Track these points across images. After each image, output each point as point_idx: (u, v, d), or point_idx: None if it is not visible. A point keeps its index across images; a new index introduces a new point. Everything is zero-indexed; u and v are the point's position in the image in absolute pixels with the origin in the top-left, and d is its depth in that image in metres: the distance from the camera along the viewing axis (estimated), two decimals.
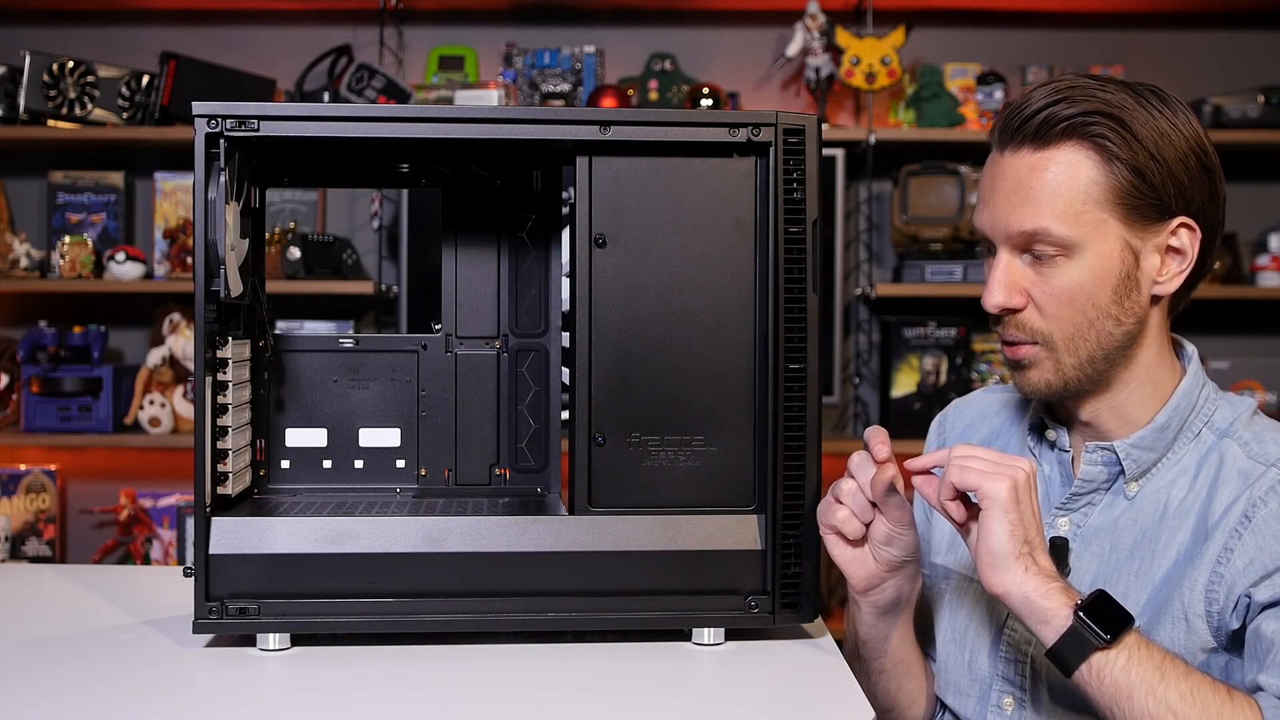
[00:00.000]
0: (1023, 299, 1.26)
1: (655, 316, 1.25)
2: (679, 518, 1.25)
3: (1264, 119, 3.16)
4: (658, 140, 1.24)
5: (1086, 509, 1.30)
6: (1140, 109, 1.23)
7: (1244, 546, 1.19)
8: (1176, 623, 1.21)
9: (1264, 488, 1.20)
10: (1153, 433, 1.27)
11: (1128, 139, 1.21)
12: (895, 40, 3.22)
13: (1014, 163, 1.25)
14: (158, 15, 3.43)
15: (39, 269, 3.25)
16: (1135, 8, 3.42)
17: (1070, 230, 1.22)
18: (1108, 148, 1.21)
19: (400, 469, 1.40)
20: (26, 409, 3.18)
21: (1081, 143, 1.22)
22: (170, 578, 1.57)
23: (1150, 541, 1.25)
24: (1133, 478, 1.28)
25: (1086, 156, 1.22)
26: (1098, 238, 1.23)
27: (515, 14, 3.44)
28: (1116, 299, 1.24)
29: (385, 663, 1.19)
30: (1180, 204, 1.24)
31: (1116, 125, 1.22)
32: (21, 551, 3.28)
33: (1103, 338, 1.25)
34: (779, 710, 1.11)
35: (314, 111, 1.22)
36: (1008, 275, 1.26)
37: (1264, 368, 3.31)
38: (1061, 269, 1.23)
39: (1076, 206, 1.22)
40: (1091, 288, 1.23)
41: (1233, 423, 1.28)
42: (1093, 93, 1.23)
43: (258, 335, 1.36)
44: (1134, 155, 1.22)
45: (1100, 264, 1.23)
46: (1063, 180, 1.22)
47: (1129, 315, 1.25)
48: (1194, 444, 1.28)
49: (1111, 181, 1.22)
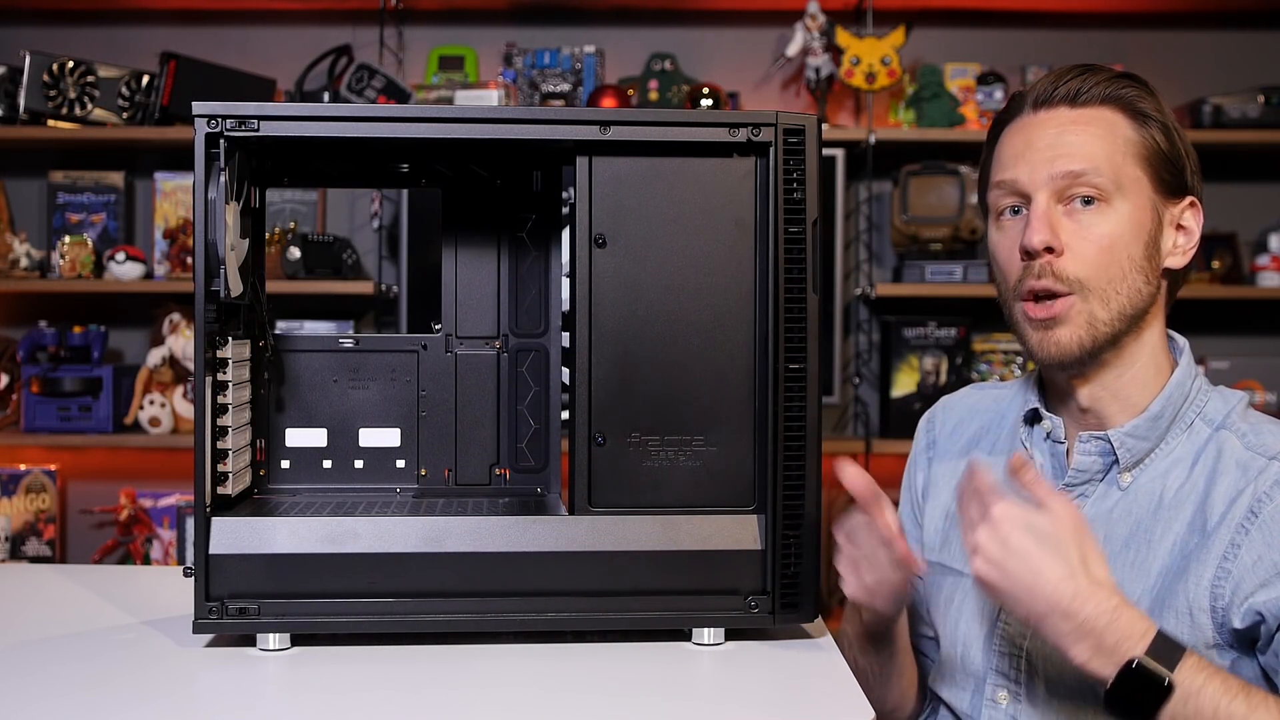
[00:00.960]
0: (1060, 243, 1.26)
1: (655, 316, 1.25)
2: (679, 518, 1.25)
3: (1264, 119, 3.16)
4: (658, 140, 1.24)
5: (1080, 500, 1.30)
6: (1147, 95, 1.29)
7: (1251, 543, 1.18)
8: (1180, 617, 1.20)
9: (1269, 482, 1.20)
10: (1146, 421, 1.28)
11: (1151, 114, 1.27)
12: (895, 40, 3.22)
13: (1052, 117, 1.28)
14: (158, 15, 3.43)
15: (39, 269, 3.25)
16: (1135, 8, 3.42)
17: (1111, 177, 1.25)
18: (1141, 109, 1.27)
19: (400, 469, 1.40)
20: (26, 409, 3.18)
21: (1115, 106, 1.27)
22: (170, 578, 1.57)
23: (1145, 532, 1.25)
24: (1126, 467, 1.28)
25: (1121, 117, 1.27)
26: (1134, 192, 1.26)
27: (515, 14, 3.44)
28: (1147, 255, 1.27)
29: (385, 663, 1.19)
30: (1189, 183, 1.29)
31: (1145, 91, 1.28)
32: (21, 551, 3.28)
33: (1133, 294, 1.26)
34: (779, 710, 1.11)
35: (314, 111, 1.22)
36: (1048, 217, 1.26)
37: (1264, 368, 3.31)
38: (1103, 215, 1.25)
39: (1117, 159, 1.25)
40: (1130, 238, 1.26)
41: (1228, 414, 1.28)
42: (1107, 75, 1.29)
43: (258, 335, 1.36)
44: (1164, 119, 1.28)
45: (1136, 216, 1.26)
46: (1103, 133, 1.26)
47: (1153, 278, 1.28)
48: (1187, 435, 1.28)
49: (1146, 142, 1.26)
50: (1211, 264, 3.34)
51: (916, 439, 1.54)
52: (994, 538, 1.13)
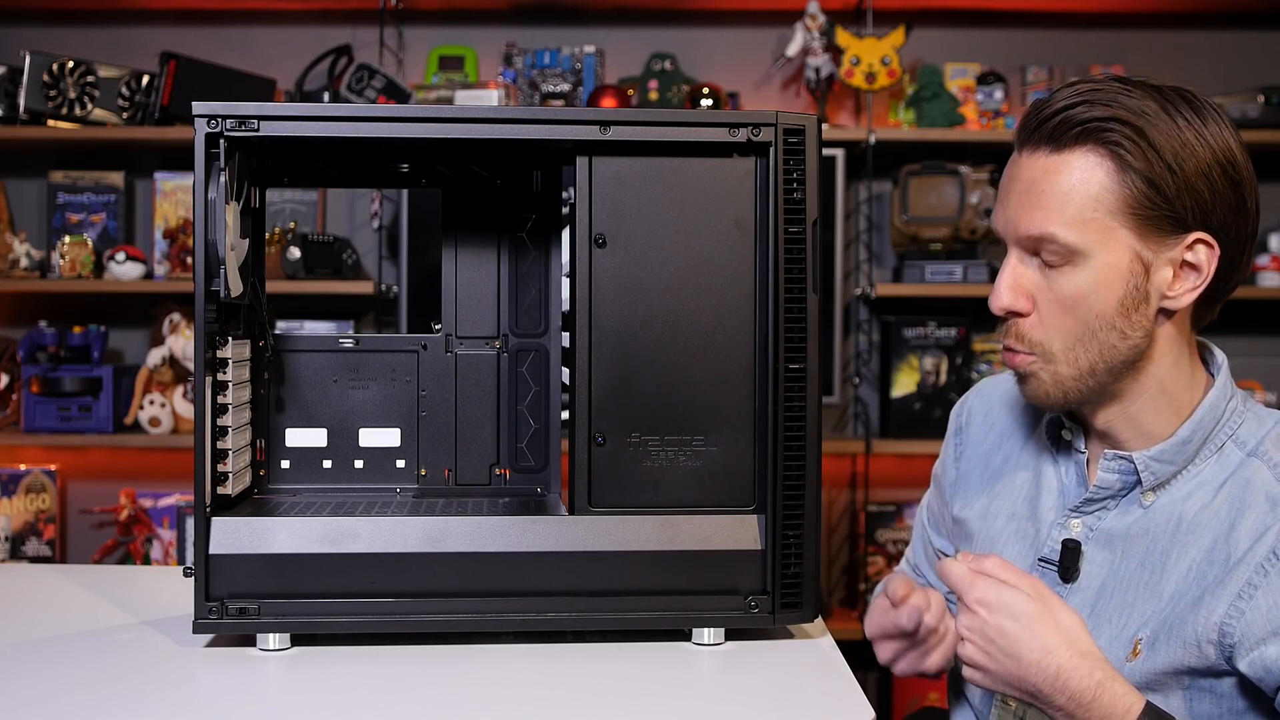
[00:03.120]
0: (1028, 303, 1.24)
1: (655, 316, 1.25)
2: (679, 518, 1.25)
3: (1264, 119, 3.16)
4: (658, 140, 1.24)
5: (1100, 513, 1.29)
6: (1164, 116, 1.20)
7: (1269, 586, 1.15)
8: (1188, 647, 1.18)
9: None
10: (1174, 446, 1.24)
11: (1144, 148, 1.18)
12: (895, 40, 3.22)
13: (1029, 164, 1.23)
14: (158, 15, 3.43)
15: (39, 269, 3.25)
16: (1135, 8, 3.42)
17: (1077, 237, 1.20)
18: (1123, 156, 1.18)
19: (400, 469, 1.40)
20: (26, 409, 3.18)
21: (1097, 148, 1.19)
22: (170, 578, 1.57)
23: (1162, 554, 1.23)
24: (1149, 488, 1.26)
25: (1100, 163, 1.19)
26: (1106, 247, 1.20)
27: (515, 14, 3.44)
28: (1122, 311, 1.21)
29: (385, 663, 1.19)
30: (1198, 218, 1.20)
31: (1134, 133, 1.18)
32: (21, 551, 3.28)
33: (1105, 350, 1.22)
34: (779, 710, 1.11)
35: (314, 111, 1.22)
36: (1015, 277, 1.24)
37: (1264, 368, 3.31)
38: (1066, 275, 1.21)
39: (1086, 213, 1.19)
40: (1095, 297, 1.21)
41: (1261, 440, 1.24)
42: (1115, 97, 1.20)
43: (258, 335, 1.36)
44: (1149, 165, 1.18)
45: (1106, 274, 1.20)
46: (1074, 185, 1.20)
47: (1135, 329, 1.22)
48: (1217, 457, 1.25)
49: (1124, 191, 1.19)
50: None
51: (949, 427, 1.53)
52: (974, 628, 1.15)
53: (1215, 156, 1.20)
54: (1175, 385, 1.26)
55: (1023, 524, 1.35)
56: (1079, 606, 1.26)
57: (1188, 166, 1.19)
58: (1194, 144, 1.20)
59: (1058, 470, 1.34)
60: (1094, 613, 1.25)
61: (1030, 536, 1.33)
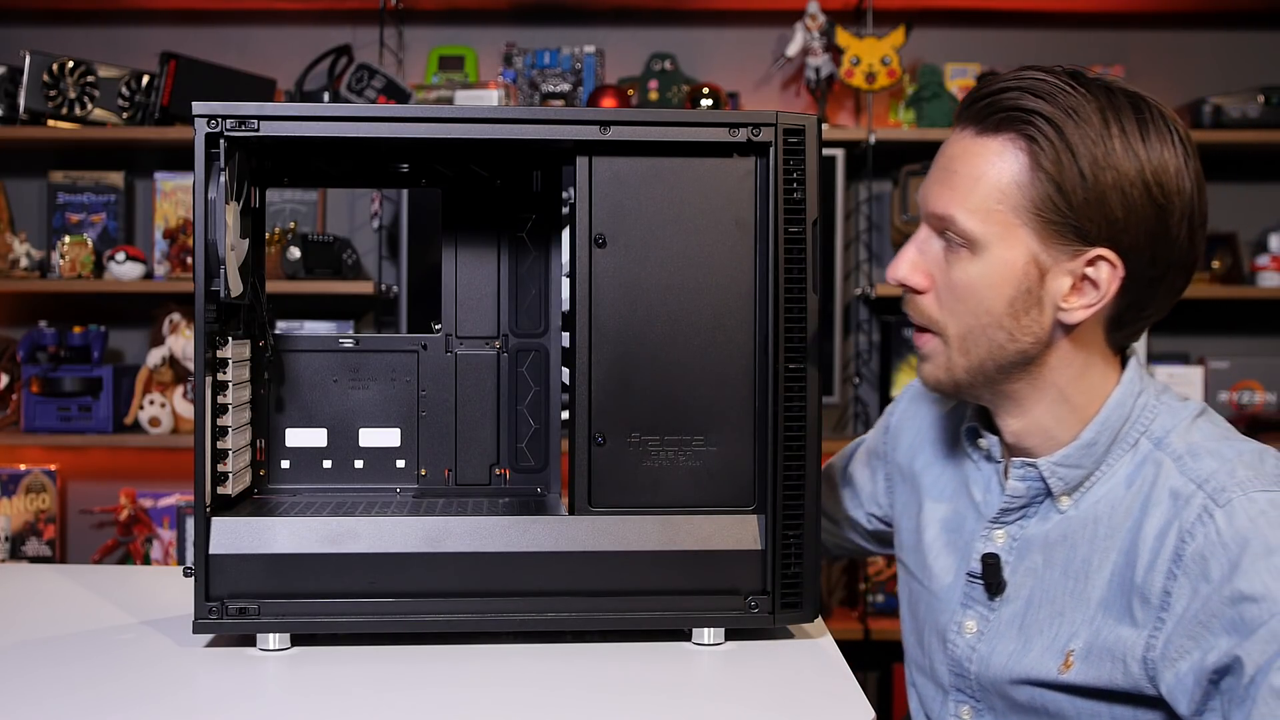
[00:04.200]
0: (926, 281, 1.20)
1: (655, 316, 1.25)
2: (679, 518, 1.25)
3: (1264, 119, 3.16)
4: (658, 140, 1.24)
5: (1022, 521, 1.25)
6: (1096, 121, 1.13)
7: (1180, 591, 1.11)
8: (1116, 663, 1.15)
9: (1191, 517, 1.12)
10: (1078, 450, 1.20)
11: (1059, 149, 1.12)
12: (895, 40, 3.22)
13: (955, 141, 1.20)
14: (158, 15, 3.43)
15: (39, 269, 3.25)
16: (1135, 8, 3.42)
17: (977, 226, 1.15)
18: (1037, 154, 1.13)
19: (400, 469, 1.40)
20: (26, 409, 3.18)
21: (1017, 139, 1.14)
22: (170, 578, 1.57)
23: (1083, 560, 1.19)
24: (1062, 494, 1.22)
25: (1016, 156, 1.14)
26: (1003, 242, 1.15)
27: (515, 14, 3.44)
28: (1011, 312, 1.16)
29: (385, 663, 1.19)
30: (1104, 234, 1.14)
31: (1054, 132, 1.12)
32: (21, 551, 3.28)
33: (994, 348, 1.18)
34: (779, 710, 1.11)
35: (314, 111, 1.22)
36: (919, 252, 1.21)
37: (1264, 368, 3.31)
38: (963, 262, 1.17)
39: (990, 204, 1.15)
40: (986, 290, 1.16)
41: (1170, 432, 1.19)
42: (1053, 91, 1.14)
43: (258, 335, 1.36)
44: (1060, 170, 1.12)
45: (999, 270, 1.16)
46: (985, 173, 1.15)
47: (1024, 333, 1.17)
48: (1131, 454, 1.20)
49: (1031, 189, 1.14)
50: (1211, 264, 3.34)
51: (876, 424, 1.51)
52: None
53: (1141, 174, 1.13)
54: (1078, 397, 1.21)
55: (953, 535, 1.31)
56: (1010, 619, 1.23)
57: (1104, 178, 1.12)
58: (1119, 156, 1.13)
59: (980, 479, 1.31)
60: (1024, 625, 1.22)
61: (960, 548, 1.31)
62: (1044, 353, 1.19)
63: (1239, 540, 1.08)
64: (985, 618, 1.26)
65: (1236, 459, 1.14)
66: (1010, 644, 1.23)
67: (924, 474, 1.38)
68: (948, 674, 1.29)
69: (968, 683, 1.27)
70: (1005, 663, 1.23)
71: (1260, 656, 1.05)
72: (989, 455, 1.29)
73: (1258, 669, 1.04)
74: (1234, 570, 1.07)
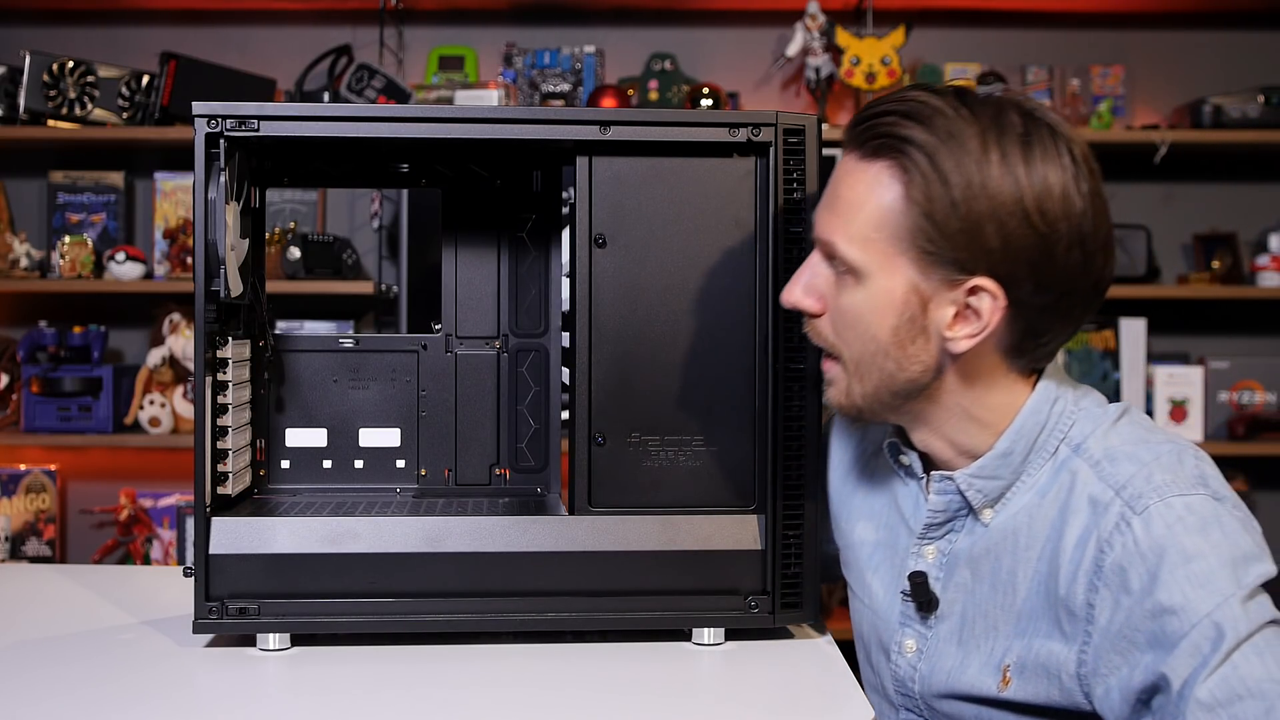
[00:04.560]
0: (819, 304, 1.16)
1: (655, 316, 1.25)
2: (679, 518, 1.25)
3: (1264, 119, 3.16)
4: (658, 140, 1.24)
5: (950, 535, 1.22)
6: (974, 146, 1.08)
7: (1102, 604, 1.08)
8: (1051, 679, 1.12)
9: (1109, 526, 1.09)
10: (994, 461, 1.17)
11: (931, 179, 1.08)
12: (895, 40, 3.22)
13: (840, 164, 1.15)
14: (158, 15, 3.43)
15: (39, 269, 3.25)
16: (1135, 8, 3.42)
17: (857, 254, 1.11)
18: (909, 183, 1.08)
19: (400, 469, 1.40)
20: (26, 409, 3.18)
21: (892, 167, 1.10)
22: (170, 578, 1.57)
23: (1009, 572, 1.16)
24: (983, 507, 1.18)
25: (891, 185, 1.10)
26: (884, 271, 1.11)
27: (515, 14, 3.44)
28: (897, 341, 1.13)
29: (385, 663, 1.19)
30: (982, 264, 1.09)
31: (927, 161, 1.08)
32: (21, 551, 3.28)
33: (884, 377, 1.15)
34: (779, 710, 1.11)
35: (314, 111, 1.22)
36: (812, 275, 1.17)
37: (1264, 368, 3.30)
38: (849, 290, 1.13)
39: (869, 231, 1.11)
40: (871, 318, 1.13)
41: (1088, 437, 1.15)
42: (930, 115, 1.09)
43: (258, 335, 1.36)
44: (931, 200, 1.08)
45: (881, 299, 1.12)
46: (865, 200, 1.11)
47: (912, 362, 1.14)
48: (1051, 462, 1.16)
49: (905, 220, 1.09)
50: (1211, 264, 3.34)
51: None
52: None
53: (1020, 201, 1.07)
54: (986, 415, 1.17)
55: (888, 552, 1.28)
56: (947, 636, 1.21)
57: (977, 207, 1.07)
58: (996, 183, 1.07)
59: (907, 495, 1.27)
60: (962, 640, 1.19)
61: (895, 566, 1.27)
62: (938, 379, 1.16)
63: (1156, 550, 1.06)
64: (923, 635, 1.23)
65: (1154, 462, 1.11)
66: (949, 660, 1.20)
67: (855, 492, 1.34)
68: (894, 692, 1.27)
69: (914, 701, 1.25)
70: (945, 680, 1.20)
71: (1185, 670, 1.02)
72: (910, 471, 1.26)
73: (1183, 683, 1.02)
74: (1153, 581, 1.05)
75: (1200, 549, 1.05)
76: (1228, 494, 1.11)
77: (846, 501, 1.34)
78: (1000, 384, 1.17)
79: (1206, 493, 1.09)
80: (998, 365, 1.16)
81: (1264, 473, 3.39)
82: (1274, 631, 1.04)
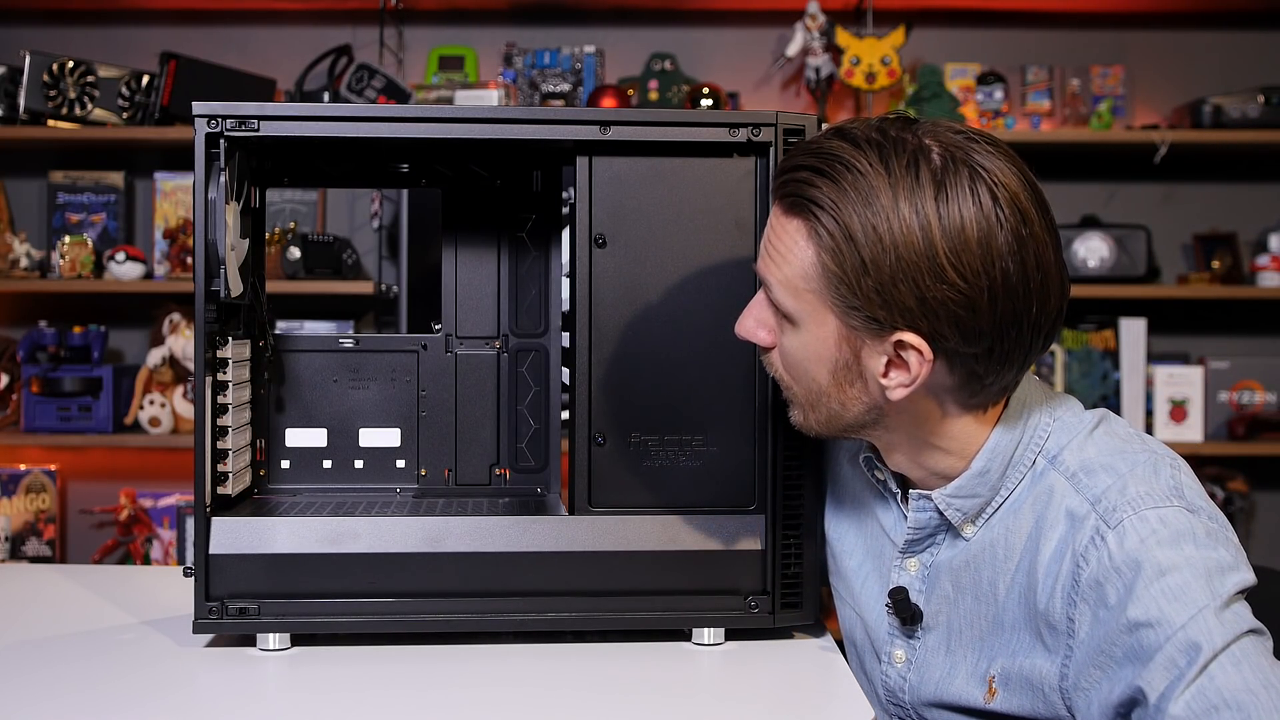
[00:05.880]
0: (770, 337, 1.16)
1: (655, 316, 1.25)
2: (679, 518, 1.25)
3: (1264, 119, 3.16)
4: (658, 140, 1.24)
5: (932, 549, 1.22)
6: (883, 204, 1.05)
7: (1081, 618, 1.08)
8: (1035, 692, 1.12)
9: (1084, 540, 1.08)
10: (971, 480, 1.16)
11: (840, 240, 1.06)
12: (895, 40, 3.22)
13: (771, 213, 1.14)
14: (158, 15, 3.43)
15: (39, 269, 3.25)
16: (1135, 8, 3.42)
17: (790, 303, 1.11)
18: (821, 245, 1.07)
19: (400, 469, 1.40)
20: (26, 409, 3.18)
21: (805, 227, 1.09)
22: (170, 578, 1.57)
23: (990, 584, 1.17)
24: (963, 523, 1.18)
25: (807, 245, 1.09)
26: (814, 320, 1.11)
27: (515, 14, 3.44)
28: (836, 384, 1.13)
29: (385, 663, 1.19)
30: (899, 320, 1.06)
31: (833, 220, 1.06)
32: (21, 551, 3.28)
33: (831, 415, 1.15)
34: (779, 710, 1.11)
35: (314, 111, 1.22)
36: (762, 308, 1.16)
37: (1264, 368, 3.31)
38: (789, 333, 1.13)
39: (797, 283, 1.10)
40: (810, 363, 1.13)
41: (1064, 449, 1.14)
42: (840, 170, 1.06)
43: (258, 335, 1.36)
44: (841, 262, 1.06)
45: (815, 346, 1.12)
46: (789, 253, 1.10)
47: (854, 403, 1.13)
48: (1030, 475, 1.16)
49: (822, 278, 1.08)
50: (1211, 264, 3.34)
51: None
52: None
53: (933, 257, 1.04)
54: (949, 443, 1.16)
55: (876, 563, 1.28)
56: (935, 646, 1.21)
57: (888, 265, 1.04)
58: (902, 237, 1.04)
59: (887, 509, 1.27)
60: (950, 650, 1.20)
61: (883, 577, 1.27)
62: (885, 418, 1.15)
63: (1131, 564, 1.05)
64: (912, 646, 1.23)
65: (1129, 474, 1.10)
66: (937, 671, 1.21)
67: (845, 497, 1.34)
68: (886, 700, 1.27)
69: (905, 711, 1.25)
70: (934, 690, 1.21)
71: (1161, 684, 1.02)
72: (885, 486, 1.26)
73: (1160, 696, 1.02)
74: (1129, 595, 1.05)
75: (1174, 562, 1.04)
76: (1203, 504, 1.10)
77: (839, 504, 1.34)
78: (958, 419, 1.15)
79: (1181, 504, 1.08)
80: (949, 404, 1.14)
81: (1264, 473, 3.39)
82: (1252, 641, 1.03)
